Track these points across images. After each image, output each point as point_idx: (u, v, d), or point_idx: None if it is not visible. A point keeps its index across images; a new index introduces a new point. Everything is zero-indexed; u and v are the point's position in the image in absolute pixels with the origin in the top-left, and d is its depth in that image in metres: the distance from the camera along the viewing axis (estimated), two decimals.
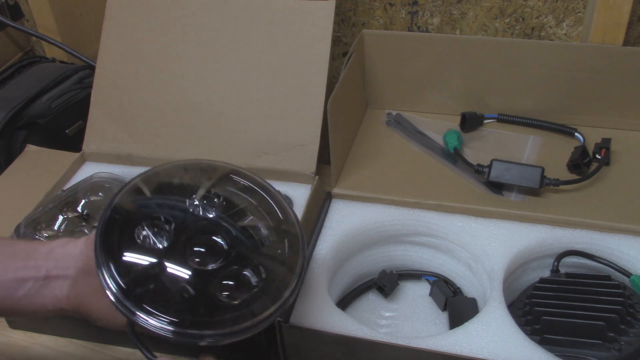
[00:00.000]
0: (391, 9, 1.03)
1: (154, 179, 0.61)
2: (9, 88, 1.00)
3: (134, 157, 0.89)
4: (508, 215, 0.76)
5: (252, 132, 0.86)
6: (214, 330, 0.51)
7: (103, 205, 0.81)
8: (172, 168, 0.62)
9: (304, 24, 0.86)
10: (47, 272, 0.55)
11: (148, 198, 0.60)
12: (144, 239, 0.55)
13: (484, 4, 0.98)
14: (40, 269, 0.55)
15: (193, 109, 0.89)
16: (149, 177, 0.60)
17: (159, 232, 0.56)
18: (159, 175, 0.62)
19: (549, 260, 0.73)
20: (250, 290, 0.55)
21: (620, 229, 0.73)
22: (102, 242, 0.53)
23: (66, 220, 0.79)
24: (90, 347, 0.76)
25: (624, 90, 0.86)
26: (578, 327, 0.63)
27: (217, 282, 0.55)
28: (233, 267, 0.56)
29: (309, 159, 0.83)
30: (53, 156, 0.91)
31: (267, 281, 0.56)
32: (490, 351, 0.61)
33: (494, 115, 0.92)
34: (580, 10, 0.95)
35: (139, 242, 0.55)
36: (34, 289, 0.54)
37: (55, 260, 0.55)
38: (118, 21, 0.92)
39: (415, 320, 0.77)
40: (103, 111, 0.92)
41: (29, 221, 0.76)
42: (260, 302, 0.54)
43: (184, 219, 0.58)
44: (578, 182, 0.78)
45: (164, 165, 0.62)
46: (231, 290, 0.55)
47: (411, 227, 0.78)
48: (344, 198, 0.80)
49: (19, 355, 0.75)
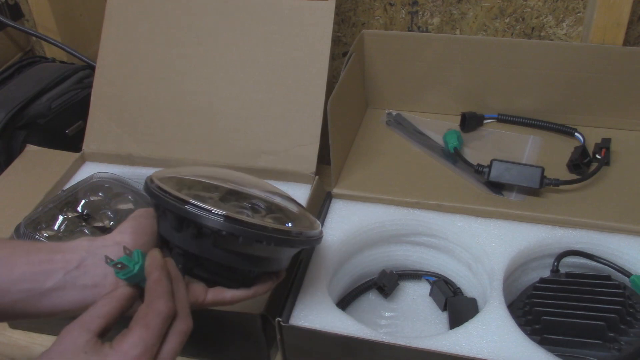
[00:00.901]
0: (391, 9, 1.03)
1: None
2: (9, 88, 1.00)
3: (134, 157, 0.90)
4: (508, 215, 0.76)
5: (252, 132, 0.86)
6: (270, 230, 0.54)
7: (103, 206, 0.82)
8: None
9: (304, 24, 0.86)
10: (80, 262, 0.53)
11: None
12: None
13: (484, 4, 0.98)
14: (70, 260, 0.53)
15: (193, 109, 0.89)
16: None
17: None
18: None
19: (549, 260, 0.73)
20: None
21: (620, 229, 0.73)
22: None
23: (66, 220, 0.79)
24: None
25: (624, 90, 0.86)
26: (578, 327, 0.63)
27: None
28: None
29: (309, 159, 0.83)
30: (53, 156, 0.91)
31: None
32: (490, 351, 0.61)
33: (494, 115, 0.92)
34: (580, 10, 0.95)
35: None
36: (66, 280, 0.52)
37: (86, 251, 0.53)
38: (118, 21, 0.92)
39: (415, 320, 0.77)
40: (103, 111, 0.92)
41: (29, 221, 0.76)
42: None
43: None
44: (578, 182, 0.78)
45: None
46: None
47: (411, 227, 0.78)
48: (344, 198, 0.80)
49: (19, 355, 0.75)
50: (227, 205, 0.60)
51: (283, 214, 0.62)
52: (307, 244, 0.58)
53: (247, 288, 0.58)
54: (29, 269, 0.52)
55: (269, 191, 0.66)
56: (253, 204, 0.61)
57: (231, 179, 0.67)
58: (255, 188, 0.65)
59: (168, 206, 0.53)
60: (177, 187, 0.57)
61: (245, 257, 0.55)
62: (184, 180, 0.63)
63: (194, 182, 0.63)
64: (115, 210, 0.82)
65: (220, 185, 0.63)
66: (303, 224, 0.61)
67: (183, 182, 0.62)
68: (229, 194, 0.62)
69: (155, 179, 0.56)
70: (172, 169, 0.66)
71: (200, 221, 0.51)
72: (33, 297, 0.52)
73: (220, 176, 0.67)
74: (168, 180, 0.58)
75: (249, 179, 0.68)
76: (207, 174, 0.67)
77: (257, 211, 0.61)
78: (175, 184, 0.59)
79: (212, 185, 0.63)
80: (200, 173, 0.67)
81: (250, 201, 0.62)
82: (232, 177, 0.67)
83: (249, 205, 0.61)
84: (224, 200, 0.60)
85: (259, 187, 0.66)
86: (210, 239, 0.53)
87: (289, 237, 0.55)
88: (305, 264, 0.71)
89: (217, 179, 0.65)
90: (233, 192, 0.63)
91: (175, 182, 0.60)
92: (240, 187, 0.65)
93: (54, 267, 0.52)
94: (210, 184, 0.64)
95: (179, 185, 0.59)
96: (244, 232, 0.52)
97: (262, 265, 0.57)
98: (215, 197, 0.60)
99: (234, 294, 0.57)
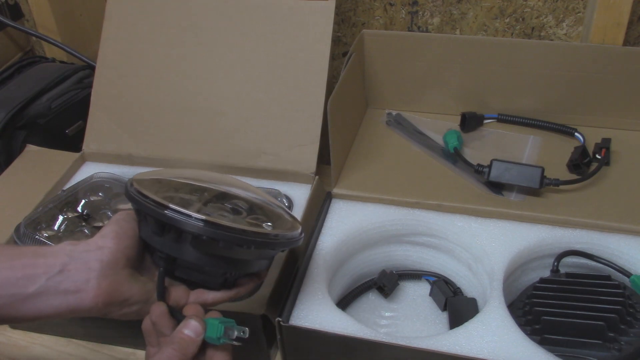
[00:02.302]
0: (391, 9, 1.03)
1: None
2: (9, 88, 1.00)
3: (134, 157, 0.89)
4: (508, 215, 0.76)
5: (252, 132, 0.87)
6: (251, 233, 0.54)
7: (103, 206, 0.82)
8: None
9: (304, 24, 0.86)
10: (62, 267, 0.53)
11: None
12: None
13: (484, 4, 0.98)
14: (52, 265, 0.53)
15: (193, 109, 0.89)
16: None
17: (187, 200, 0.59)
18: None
19: (549, 260, 0.73)
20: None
21: (620, 229, 0.73)
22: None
23: (66, 220, 0.79)
24: (90, 347, 0.76)
25: (624, 90, 0.86)
26: (578, 327, 0.63)
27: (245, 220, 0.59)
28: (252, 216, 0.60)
29: (309, 159, 0.83)
30: (53, 156, 0.91)
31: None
32: (490, 351, 0.61)
33: (494, 115, 0.92)
34: (580, 10, 0.95)
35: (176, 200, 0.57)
36: (48, 285, 0.52)
37: (68, 256, 0.54)
38: (118, 21, 0.92)
39: (415, 320, 0.77)
40: (103, 111, 0.92)
41: (29, 221, 0.76)
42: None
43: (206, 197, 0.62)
44: (578, 182, 0.78)
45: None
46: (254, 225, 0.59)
47: (411, 227, 0.78)
48: (344, 198, 0.80)
49: (19, 355, 0.75)
50: (208, 207, 0.60)
51: (264, 214, 0.62)
52: (287, 246, 0.58)
53: (228, 290, 0.58)
54: (12, 274, 0.52)
55: (251, 191, 0.65)
56: (234, 205, 0.61)
57: (212, 180, 0.67)
58: (236, 188, 0.65)
59: (148, 211, 0.53)
60: (157, 190, 0.57)
61: (226, 260, 0.56)
62: (164, 182, 0.63)
63: (174, 184, 0.63)
64: (115, 210, 0.82)
65: (201, 186, 0.63)
66: (284, 225, 0.61)
67: (162, 184, 0.62)
68: (209, 195, 0.62)
69: (135, 183, 0.56)
70: (153, 171, 0.66)
71: (180, 226, 0.52)
72: (16, 302, 0.52)
73: (201, 178, 0.67)
74: (149, 183, 0.58)
75: (231, 180, 0.68)
76: (188, 175, 0.67)
77: (238, 212, 0.61)
78: (156, 186, 0.59)
79: (193, 187, 0.63)
80: (180, 175, 0.67)
81: (232, 201, 0.62)
82: (214, 179, 0.68)
83: (230, 207, 0.61)
84: (205, 202, 0.61)
85: (241, 187, 0.66)
86: (191, 243, 0.54)
87: (269, 240, 0.55)
88: (306, 264, 0.71)
89: (198, 180, 0.65)
90: (214, 193, 0.63)
91: (155, 184, 0.60)
92: (222, 187, 0.65)
93: (36, 271, 0.52)
94: (191, 185, 0.63)
95: (159, 188, 0.59)
96: (224, 237, 0.52)
97: (243, 267, 0.58)
98: (195, 199, 0.60)
99: (215, 295, 0.58)
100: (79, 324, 0.75)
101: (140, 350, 0.74)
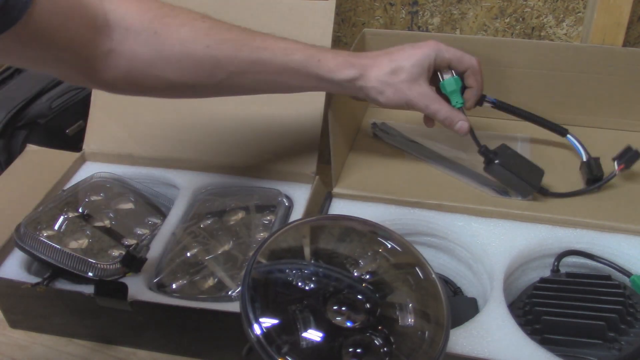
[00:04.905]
0: (391, 9, 1.03)
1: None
2: (9, 88, 1.00)
3: (134, 157, 0.89)
4: (508, 215, 0.76)
5: (252, 132, 0.86)
6: None
7: (104, 206, 0.82)
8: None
9: (304, 24, 0.86)
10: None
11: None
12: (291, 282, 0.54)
13: (484, 4, 0.98)
14: None
15: (193, 109, 0.89)
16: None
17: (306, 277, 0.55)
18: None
19: (549, 260, 0.73)
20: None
21: (620, 229, 0.73)
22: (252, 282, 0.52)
23: (67, 220, 0.79)
24: (90, 347, 0.76)
25: (624, 91, 0.86)
26: (578, 327, 0.63)
27: (347, 342, 0.53)
28: (367, 333, 0.54)
29: (309, 159, 0.83)
30: (53, 156, 0.91)
31: (393, 357, 0.53)
32: (490, 351, 0.61)
33: (493, 100, 0.83)
34: (580, 10, 0.95)
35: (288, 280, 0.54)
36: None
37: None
38: None
39: None
40: (103, 111, 0.92)
41: (29, 221, 0.76)
42: None
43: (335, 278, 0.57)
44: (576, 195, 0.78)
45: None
46: (357, 355, 0.52)
47: (411, 226, 0.78)
48: (344, 198, 0.80)
49: (20, 355, 0.75)
50: (326, 308, 0.53)
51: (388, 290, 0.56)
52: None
53: None
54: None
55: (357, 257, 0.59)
56: (350, 297, 0.54)
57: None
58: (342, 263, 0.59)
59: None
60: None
61: None
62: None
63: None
64: (115, 210, 0.82)
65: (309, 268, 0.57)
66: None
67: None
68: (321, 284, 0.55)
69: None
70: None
71: None
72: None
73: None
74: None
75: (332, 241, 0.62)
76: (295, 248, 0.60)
77: (357, 309, 0.54)
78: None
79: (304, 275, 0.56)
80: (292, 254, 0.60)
81: (345, 292, 0.55)
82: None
83: (348, 301, 0.54)
84: (322, 300, 0.54)
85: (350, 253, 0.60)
86: None
87: None
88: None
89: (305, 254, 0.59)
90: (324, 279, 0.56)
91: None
92: (324, 268, 0.57)
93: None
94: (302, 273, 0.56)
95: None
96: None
97: None
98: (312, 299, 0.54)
99: None
100: (80, 323, 0.75)
101: (140, 350, 0.74)
